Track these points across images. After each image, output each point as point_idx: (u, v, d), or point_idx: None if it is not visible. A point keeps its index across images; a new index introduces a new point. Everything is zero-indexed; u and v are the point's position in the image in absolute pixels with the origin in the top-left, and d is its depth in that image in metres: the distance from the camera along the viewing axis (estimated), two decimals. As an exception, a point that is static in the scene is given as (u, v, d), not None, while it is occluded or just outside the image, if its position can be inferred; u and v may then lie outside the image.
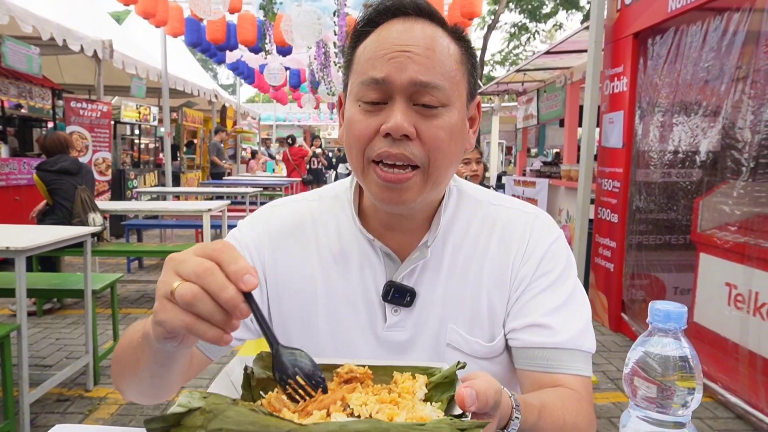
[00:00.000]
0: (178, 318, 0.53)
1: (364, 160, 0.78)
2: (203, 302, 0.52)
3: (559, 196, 6.33)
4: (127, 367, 0.74)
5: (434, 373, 0.66)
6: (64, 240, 2.83)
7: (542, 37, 20.18)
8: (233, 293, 0.52)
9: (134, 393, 0.78)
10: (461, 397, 0.56)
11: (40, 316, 4.45)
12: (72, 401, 2.97)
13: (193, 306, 0.52)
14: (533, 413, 0.69)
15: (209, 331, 0.53)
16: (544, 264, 0.86)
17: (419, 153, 0.76)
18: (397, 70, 0.74)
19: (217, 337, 0.53)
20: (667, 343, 0.56)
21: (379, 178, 0.77)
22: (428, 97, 0.75)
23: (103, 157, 7.08)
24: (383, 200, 0.79)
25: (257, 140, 20.62)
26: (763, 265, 2.79)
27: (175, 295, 0.53)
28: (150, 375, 0.70)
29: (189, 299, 0.52)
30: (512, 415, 0.64)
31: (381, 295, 0.86)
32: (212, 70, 29.83)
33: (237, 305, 0.52)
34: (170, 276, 0.55)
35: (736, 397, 2.96)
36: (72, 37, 6.03)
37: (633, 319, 4.16)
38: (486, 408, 0.58)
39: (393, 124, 0.73)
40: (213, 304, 0.52)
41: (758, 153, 2.88)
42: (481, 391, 0.57)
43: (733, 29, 3.11)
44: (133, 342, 0.71)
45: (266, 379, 0.66)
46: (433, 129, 0.76)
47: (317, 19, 6.11)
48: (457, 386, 0.62)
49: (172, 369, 0.70)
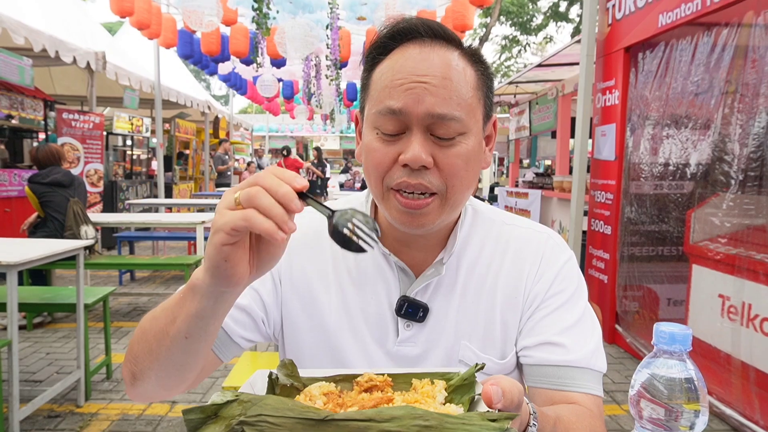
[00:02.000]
0: (238, 214, 0.57)
1: (383, 187, 0.80)
2: (263, 196, 0.57)
3: (551, 208, 6.36)
4: (161, 333, 0.71)
5: (452, 378, 0.67)
6: (57, 254, 2.81)
7: (533, 50, 20.42)
8: (288, 189, 0.58)
9: (157, 371, 0.74)
10: (488, 394, 0.57)
11: (30, 330, 4.39)
12: (63, 417, 2.92)
13: (255, 199, 0.57)
14: (549, 423, 0.70)
15: (265, 222, 0.56)
16: (557, 284, 0.88)
17: (437, 181, 0.77)
18: (414, 101, 0.75)
19: (272, 229, 0.56)
20: (673, 365, 0.57)
21: (399, 204, 0.79)
22: (445, 128, 0.76)
23: (95, 169, 7.04)
24: (403, 224, 0.81)
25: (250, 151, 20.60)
26: (755, 276, 2.82)
27: (240, 196, 0.58)
28: (186, 335, 0.68)
29: (251, 196, 0.57)
30: (530, 422, 0.65)
31: (394, 310, 0.87)
32: (205, 81, 29.83)
33: (292, 199, 0.57)
34: (230, 195, 0.60)
35: (731, 409, 2.97)
36: (64, 49, 6.02)
37: (627, 330, 4.17)
38: (511, 406, 0.58)
39: (411, 156, 0.75)
40: (272, 200, 0.57)
41: (747, 166, 2.92)
42: (507, 390, 0.58)
43: (722, 44, 3.17)
44: (167, 306, 0.72)
45: (290, 387, 0.66)
46: (451, 158, 0.77)
47: (309, 31, 6.13)
48: (476, 387, 0.63)
49: (209, 324, 0.69)
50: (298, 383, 0.67)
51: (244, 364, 2.30)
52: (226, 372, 3.51)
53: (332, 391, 0.64)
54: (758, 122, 2.86)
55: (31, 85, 6.01)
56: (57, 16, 6.65)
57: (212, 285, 0.63)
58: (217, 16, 5.83)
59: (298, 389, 0.66)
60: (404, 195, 0.78)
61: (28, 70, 5.73)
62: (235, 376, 2.16)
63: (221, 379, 3.44)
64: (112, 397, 3.19)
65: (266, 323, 0.90)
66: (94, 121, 6.94)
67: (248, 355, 2.39)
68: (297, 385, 0.66)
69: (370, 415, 0.51)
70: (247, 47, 7.00)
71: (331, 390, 0.64)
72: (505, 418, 0.54)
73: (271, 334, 0.92)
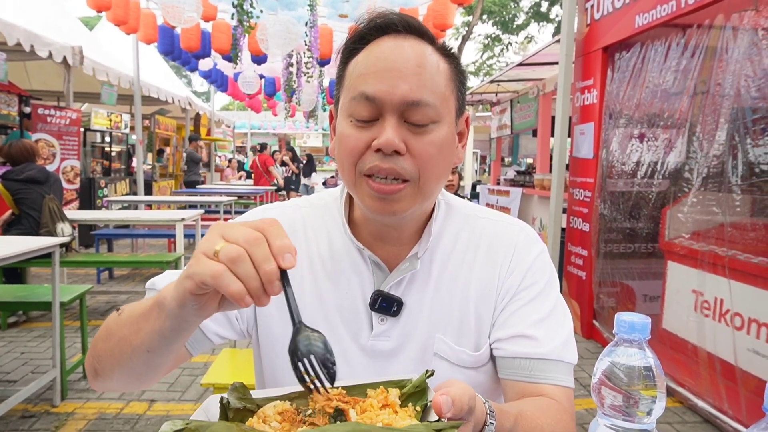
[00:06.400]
0: (211, 270, 0.54)
1: (356, 173, 0.80)
2: (245, 265, 0.54)
3: (532, 205, 6.43)
4: (124, 340, 0.71)
5: (406, 385, 0.67)
6: (31, 251, 2.76)
7: (515, 49, 20.57)
8: (274, 268, 0.54)
9: (119, 373, 0.76)
10: (438, 404, 0.58)
11: (5, 329, 4.30)
12: (38, 417, 2.87)
13: (235, 264, 0.54)
14: (509, 420, 0.70)
15: (234, 284, 0.53)
16: (530, 276, 0.89)
17: (409, 167, 0.78)
18: (388, 87, 0.76)
19: (240, 292, 0.54)
20: (633, 353, 0.58)
21: (371, 190, 0.79)
22: (419, 115, 0.77)
23: (71, 165, 6.91)
24: (376, 210, 0.80)
25: (232, 148, 20.42)
26: (726, 272, 2.89)
27: (221, 252, 0.54)
28: (147, 349, 0.69)
29: (234, 257, 0.54)
30: (486, 421, 0.66)
31: (368, 304, 0.87)
32: (186, 77, 29.42)
33: (273, 281, 0.54)
34: (216, 238, 0.57)
35: (702, 401, 3.04)
36: (40, 43, 5.90)
37: (604, 326, 4.25)
38: (461, 413, 0.59)
39: (384, 141, 0.75)
40: (253, 271, 0.54)
41: (720, 164, 2.99)
42: (456, 398, 0.59)
43: (694, 44, 3.24)
44: (134, 314, 0.71)
45: (243, 411, 0.65)
46: (423, 144, 0.78)
47: (291, 28, 6.11)
48: (428, 394, 0.63)
49: (171, 344, 0.69)
50: (251, 405, 0.65)
51: (224, 362, 2.29)
52: (205, 370, 3.48)
53: (287, 410, 0.63)
54: (729, 121, 2.94)
55: (4, 79, 5.88)
56: (32, 10, 6.51)
57: (179, 311, 0.62)
58: (196, 11, 5.78)
59: (251, 411, 0.64)
60: (376, 180, 0.78)
61: (1, 65, 5.60)
62: (213, 373, 2.15)
63: (200, 377, 3.41)
64: (89, 396, 3.15)
65: (239, 319, 0.90)
66: (70, 117, 6.81)
67: (227, 351, 2.38)
68: (250, 407, 0.65)
69: None
70: (230, 44, 6.95)
71: (286, 408, 0.63)
72: (450, 427, 0.54)
73: (245, 330, 0.92)
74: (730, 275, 2.86)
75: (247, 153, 20.63)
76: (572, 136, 4.66)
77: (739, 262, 2.81)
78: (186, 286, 0.58)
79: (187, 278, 0.57)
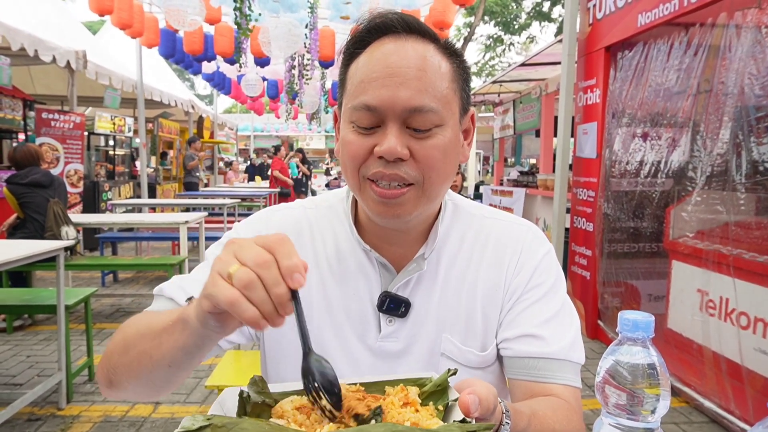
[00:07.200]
0: (227, 294, 0.55)
1: (360, 178, 0.80)
2: (257, 290, 0.55)
3: (535, 206, 6.42)
4: (144, 354, 0.71)
5: (425, 384, 0.67)
6: (37, 255, 2.77)
7: (517, 49, 20.56)
8: (285, 290, 0.56)
9: (136, 385, 0.76)
10: (465, 403, 0.58)
11: (10, 332, 4.32)
12: (44, 420, 2.88)
13: (248, 290, 0.55)
14: (523, 419, 0.70)
15: (249, 310, 0.55)
16: (537, 276, 0.89)
17: (413, 172, 0.77)
18: (389, 97, 0.75)
19: (255, 318, 0.55)
20: (636, 351, 0.58)
21: (375, 194, 0.78)
22: (421, 120, 0.76)
23: (75, 169, 6.94)
24: (380, 214, 0.80)
25: (235, 151, 20.46)
26: (732, 271, 2.88)
27: (234, 277, 0.55)
28: (169, 364, 0.69)
29: (246, 283, 0.55)
30: (502, 421, 0.66)
31: (376, 306, 0.87)
32: (189, 80, 29.54)
33: (285, 303, 0.56)
34: (230, 258, 0.58)
35: (709, 401, 3.03)
36: (44, 48, 5.93)
37: (608, 326, 4.23)
38: (488, 413, 0.59)
39: (386, 149, 0.75)
40: (265, 295, 0.55)
41: (724, 162, 2.98)
42: (483, 397, 0.59)
43: (697, 43, 3.23)
44: (155, 327, 0.71)
45: (261, 404, 0.64)
46: (427, 149, 0.77)
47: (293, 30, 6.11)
48: (449, 393, 0.63)
49: (194, 359, 0.69)
50: (269, 399, 0.65)
51: (228, 363, 2.29)
52: (209, 371, 3.49)
53: (305, 405, 0.62)
54: (732, 120, 2.93)
55: (9, 84, 5.92)
56: (36, 15, 6.54)
57: (202, 330, 0.63)
58: (200, 15, 5.79)
59: (269, 405, 0.64)
60: (380, 185, 0.78)
61: (5, 69, 5.63)
62: (217, 376, 2.15)
63: (205, 379, 3.41)
64: (95, 399, 3.16)
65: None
66: (74, 120, 6.85)
67: (231, 353, 2.38)
68: (269, 402, 0.64)
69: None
70: (232, 47, 6.96)
71: (303, 403, 0.63)
72: (483, 429, 0.54)
73: (253, 333, 0.92)
74: (735, 274, 2.85)
75: (250, 155, 20.65)
76: (575, 136, 4.65)
77: (744, 261, 2.80)
78: (204, 306, 0.59)
79: (205, 299, 0.59)
